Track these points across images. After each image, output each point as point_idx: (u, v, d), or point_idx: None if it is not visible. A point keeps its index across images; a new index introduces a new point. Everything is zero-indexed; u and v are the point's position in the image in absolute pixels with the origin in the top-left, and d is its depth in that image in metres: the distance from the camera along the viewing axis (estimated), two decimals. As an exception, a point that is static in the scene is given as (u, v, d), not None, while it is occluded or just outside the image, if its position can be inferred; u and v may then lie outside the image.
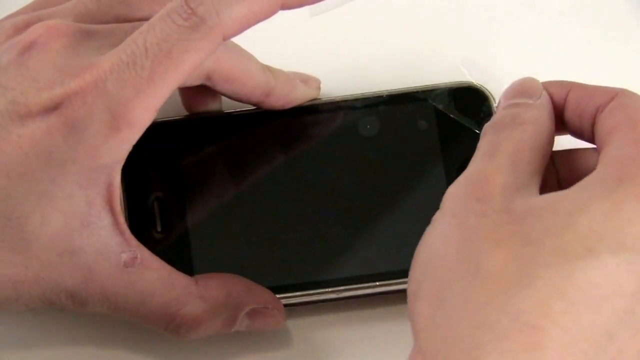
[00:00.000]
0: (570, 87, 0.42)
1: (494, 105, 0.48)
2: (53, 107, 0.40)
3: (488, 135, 0.40)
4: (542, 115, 0.41)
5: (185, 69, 0.40)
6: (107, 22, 0.44)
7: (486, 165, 0.39)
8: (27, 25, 0.43)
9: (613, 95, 0.40)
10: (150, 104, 0.40)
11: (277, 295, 0.45)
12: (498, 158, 0.39)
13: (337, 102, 0.48)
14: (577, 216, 0.36)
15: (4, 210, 0.41)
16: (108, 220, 0.42)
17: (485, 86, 0.48)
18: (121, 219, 0.42)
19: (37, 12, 0.45)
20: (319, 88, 0.49)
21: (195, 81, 0.45)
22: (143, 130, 0.41)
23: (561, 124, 0.42)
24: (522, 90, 0.42)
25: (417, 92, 0.48)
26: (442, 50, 0.52)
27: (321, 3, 0.44)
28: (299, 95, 0.48)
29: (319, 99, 0.49)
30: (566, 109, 0.42)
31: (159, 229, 0.47)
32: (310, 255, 0.46)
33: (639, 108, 0.39)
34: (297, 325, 0.47)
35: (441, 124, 0.48)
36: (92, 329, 0.47)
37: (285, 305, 0.46)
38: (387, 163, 0.47)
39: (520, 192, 0.38)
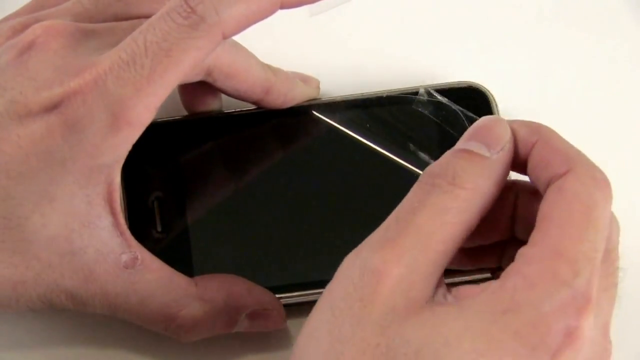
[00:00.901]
0: (538, 136, 0.38)
1: (494, 105, 0.48)
2: (53, 107, 0.40)
3: (418, 189, 0.38)
4: (488, 180, 0.38)
5: (185, 68, 0.40)
6: (105, 21, 0.44)
7: (390, 247, 0.36)
8: (25, 27, 0.43)
9: (567, 170, 0.37)
10: (150, 102, 0.40)
11: (277, 295, 0.45)
12: (408, 236, 0.36)
13: (337, 102, 0.48)
14: (443, 358, 0.34)
15: (4, 211, 0.41)
16: (108, 221, 0.42)
17: (485, 86, 0.48)
18: (121, 219, 0.42)
19: (35, 13, 0.45)
20: (318, 88, 0.49)
21: (195, 77, 0.45)
22: (143, 129, 0.41)
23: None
24: (486, 135, 0.39)
25: (417, 92, 0.48)
26: (442, 50, 0.52)
27: (320, 2, 0.44)
28: (299, 94, 0.48)
29: (319, 98, 0.49)
30: (529, 161, 0.39)
31: (159, 229, 0.47)
32: (311, 255, 0.46)
33: (582, 197, 0.36)
34: (297, 325, 0.47)
35: (441, 124, 0.48)
36: (92, 329, 0.47)
37: (285, 306, 0.46)
38: (387, 163, 0.47)
39: (412, 294, 0.35)
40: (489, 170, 0.38)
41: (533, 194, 0.40)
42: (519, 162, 0.39)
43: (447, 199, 0.37)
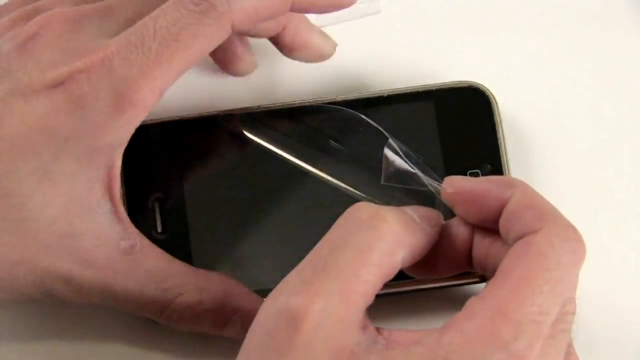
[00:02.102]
0: (512, 191, 0.38)
1: (494, 105, 0.48)
2: (57, 84, 0.40)
3: (341, 225, 0.38)
4: (412, 235, 0.38)
5: (193, 54, 0.40)
6: None
7: (306, 290, 0.35)
8: (25, 18, 0.43)
9: (539, 227, 0.36)
10: (155, 85, 0.40)
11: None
12: (327, 277, 0.36)
13: (337, 102, 0.48)
14: None
15: (6, 187, 0.40)
16: (107, 207, 0.42)
17: (485, 86, 0.48)
18: (120, 206, 0.42)
19: (33, 3, 0.44)
20: (334, 48, 0.49)
21: None
22: (147, 113, 0.41)
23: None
24: (420, 210, 0.40)
25: (417, 92, 0.48)
26: (442, 50, 0.52)
27: (329, 15, 0.44)
28: (317, 41, 0.47)
29: (319, 99, 0.49)
30: (502, 215, 0.38)
31: (159, 229, 0.47)
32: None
33: (546, 258, 0.36)
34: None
35: (441, 124, 0.48)
36: (91, 325, 0.47)
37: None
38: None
39: (333, 343, 0.34)
40: (416, 229, 0.38)
41: (487, 231, 0.40)
42: (490, 218, 0.39)
43: (372, 237, 0.36)
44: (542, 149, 0.49)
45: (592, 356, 0.46)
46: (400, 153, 0.44)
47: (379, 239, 0.37)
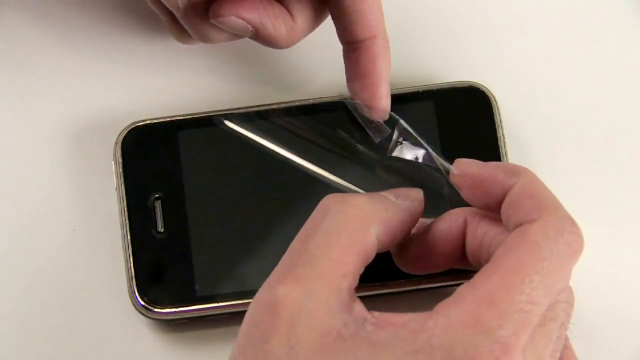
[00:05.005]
0: (517, 179, 0.39)
1: (495, 105, 0.48)
2: None
3: (312, 215, 0.38)
4: (385, 211, 0.38)
5: None
6: None
7: (284, 278, 0.36)
8: None
9: (538, 217, 0.36)
10: None
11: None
12: (304, 265, 0.36)
13: (336, 102, 0.48)
14: None
15: None
16: None
17: (485, 86, 0.48)
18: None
19: None
20: None
21: None
22: None
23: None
24: (400, 191, 0.40)
25: (417, 92, 0.48)
26: (442, 50, 0.52)
27: None
28: None
29: (319, 98, 0.49)
30: (504, 202, 0.38)
31: (159, 229, 0.47)
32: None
33: (540, 248, 0.36)
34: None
35: (441, 124, 0.48)
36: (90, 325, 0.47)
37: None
38: (388, 162, 0.47)
39: (316, 325, 0.35)
40: (389, 206, 0.39)
41: (480, 223, 0.40)
42: (494, 204, 0.39)
43: (338, 220, 0.37)
44: (542, 149, 0.49)
45: (592, 356, 0.46)
46: (412, 132, 0.45)
47: (345, 221, 0.37)
